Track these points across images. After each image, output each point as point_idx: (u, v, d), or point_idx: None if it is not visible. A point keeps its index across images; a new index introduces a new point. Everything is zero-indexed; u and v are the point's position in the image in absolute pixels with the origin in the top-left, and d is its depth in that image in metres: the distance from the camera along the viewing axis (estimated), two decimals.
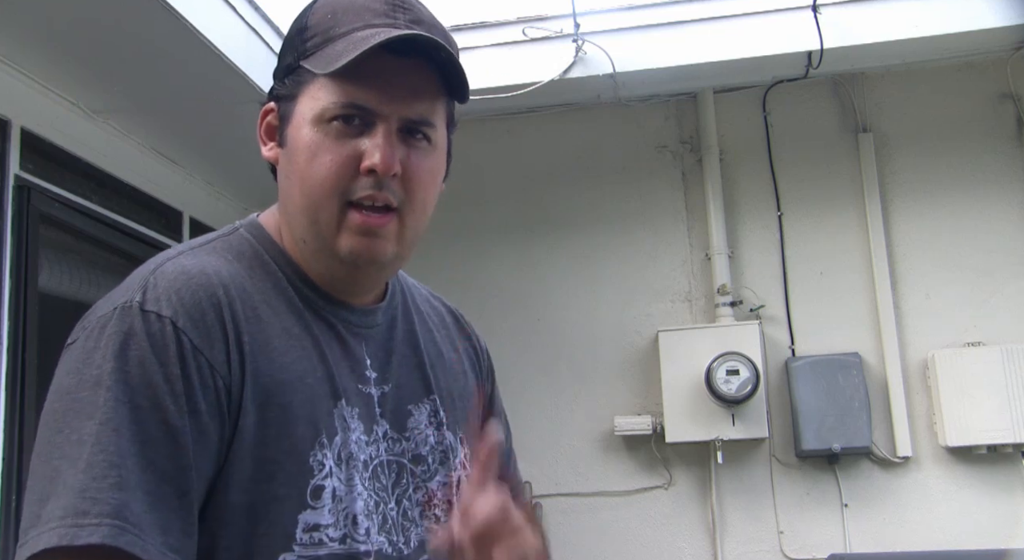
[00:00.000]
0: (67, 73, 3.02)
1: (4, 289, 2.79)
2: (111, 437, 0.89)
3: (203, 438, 0.93)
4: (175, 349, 0.93)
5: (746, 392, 3.76)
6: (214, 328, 0.97)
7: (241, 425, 0.96)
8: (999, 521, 3.70)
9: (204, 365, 0.95)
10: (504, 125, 4.33)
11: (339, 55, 1.00)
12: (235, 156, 3.70)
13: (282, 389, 0.99)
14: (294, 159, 1.04)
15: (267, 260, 1.07)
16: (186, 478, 0.92)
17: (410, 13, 1.05)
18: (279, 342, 1.01)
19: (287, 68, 1.07)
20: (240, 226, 1.12)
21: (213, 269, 1.01)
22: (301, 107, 1.04)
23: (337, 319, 1.08)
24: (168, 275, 0.99)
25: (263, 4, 3.20)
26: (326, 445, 1.00)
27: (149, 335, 0.93)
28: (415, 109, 1.03)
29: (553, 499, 4.10)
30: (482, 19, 3.80)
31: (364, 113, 1.02)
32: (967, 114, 4.05)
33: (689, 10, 3.68)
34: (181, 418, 0.92)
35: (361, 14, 1.03)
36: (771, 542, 3.92)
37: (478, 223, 4.30)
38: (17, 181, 2.89)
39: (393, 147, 1.01)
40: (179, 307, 0.96)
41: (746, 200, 4.19)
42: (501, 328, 4.04)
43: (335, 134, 1.02)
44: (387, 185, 1.02)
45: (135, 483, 0.88)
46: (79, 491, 0.87)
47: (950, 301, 3.92)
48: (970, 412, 3.72)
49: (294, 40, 1.08)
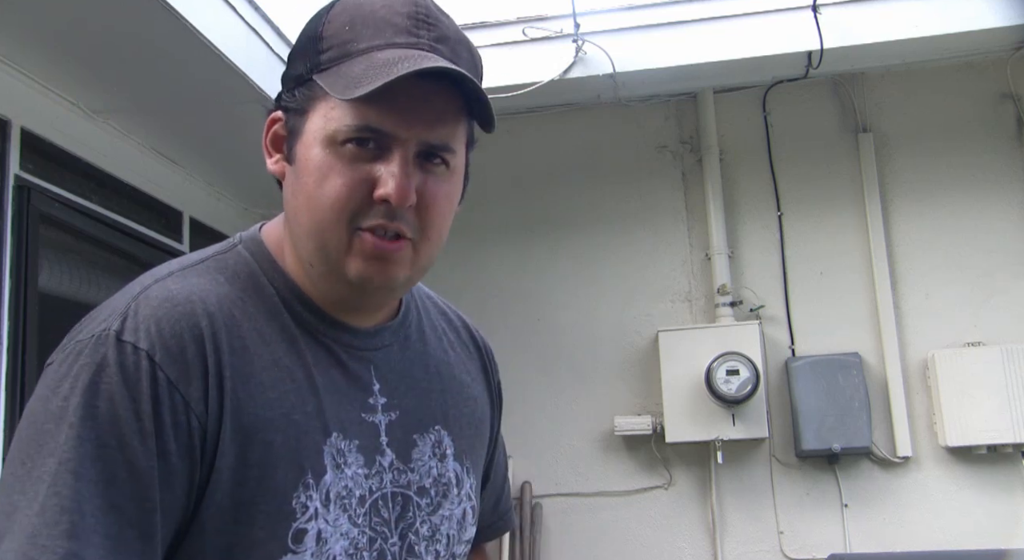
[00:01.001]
0: (67, 73, 3.02)
1: (4, 289, 2.79)
2: (66, 479, 0.84)
3: (171, 479, 0.88)
4: (148, 385, 0.89)
5: (746, 392, 3.76)
6: (194, 363, 0.92)
7: (218, 466, 0.91)
8: (999, 521, 3.70)
9: (179, 403, 0.90)
10: (504, 125, 4.28)
11: (357, 79, 0.92)
12: (235, 156, 3.71)
13: (265, 427, 0.94)
14: (302, 179, 0.97)
15: (263, 283, 1.01)
16: (150, 521, 0.87)
17: (434, 30, 0.98)
18: (266, 376, 0.96)
19: (298, 78, 0.99)
20: (240, 242, 1.06)
21: (201, 295, 0.96)
22: (312, 124, 0.97)
23: (338, 344, 1.03)
24: (152, 301, 0.94)
25: (263, 4, 3.20)
26: (311, 486, 0.95)
27: (122, 368, 0.88)
28: (436, 134, 0.96)
29: (553, 499, 4.10)
30: (482, 19, 3.79)
31: (380, 137, 0.95)
32: (967, 114, 4.05)
33: (689, 10, 3.68)
34: (148, 459, 0.87)
35: (382, 29, 0.96)
36: (771, 542, 3.92)
37: (478, 223, 4.30)
38: (17, 181, 2.89)
39: (409, 176, 0.95)
40: (157, 339, 0.91)
41: (746, 200, 4.19)
42: (501, 328, 4.04)
43: (348, 157, 0.95)
44: (400, 215, 0.96)
45: (91, 528, 0.84)
46: (30, 536, 0.83)
47: (950, 301, 3.92)
48: (970, 412, 3.72)
49: (307, 49, 0.99)
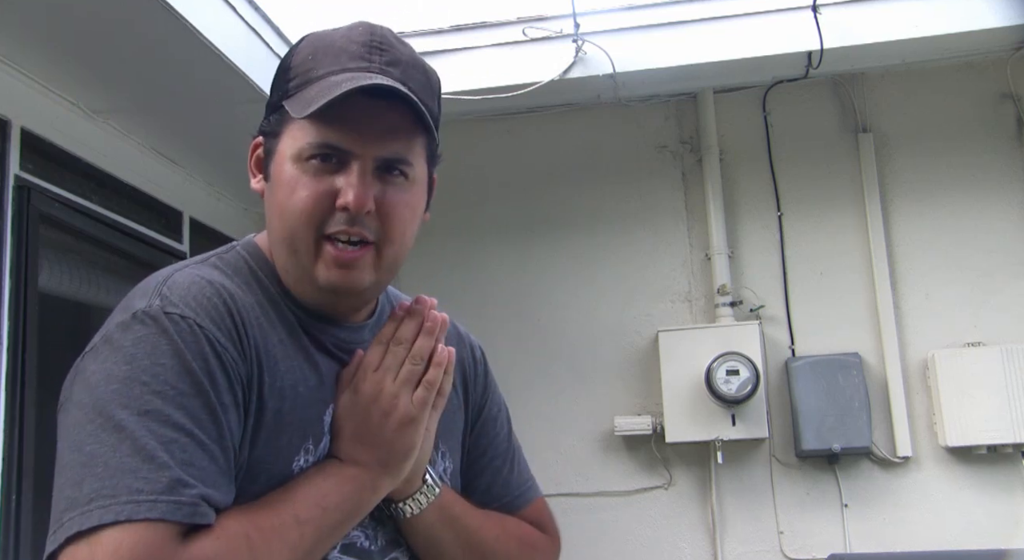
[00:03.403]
0: (67, 73, 3.02)
1: (4, 289, 2.79)
2: (150, 426, 0.92)
3: (234, 428, 0.99)
4: (206, 343, 0.98)
5: (746, 392, 3.76)
6: (231, 329, 1.02)
7: (247, 422, 1.02)
8: (999, 521, 3.70)
9: (230, 360, 1.00)
10: (504, 125, 4.33)
11: (312, 100, 1.04)
12: (235, 156, 3.67)
13: (278, 395, 1.04)
14: (276, 193, 1.10)
15: (261, 277, 1.12)
16: (229, 459, 0.97)
17: (386, 54, 1.09)
18: (277, 351, 1.07)
19: (272, 106, 1.13)
20: (236, 245, 1.17)
21: (217, 280, 1.07)
22: (282, 145, 1.10)
23: (325, 336, 1.13)
24: (180, 283, 1.04)
25: (263, 4, 3.20)
26: (311, 450, 1.06)
27: (179, 332, 0.98)
28: (389, 148, 1.07)
29: (553, 499, 4.06)
30: (482, 19, 3.79)
31: (339, 152, 1.06)
32: (967, 114, 4.05)
33: (689, 10, 3.68)
34: (222, 406, 0.97)
35: (339, 57, 1.08)
36: (771, 542, 3.92)
37: (478, 223, 4.30)
38: (17, 181, 2.89)
39: (367, 186, 1.06)
40: (198, 308, 1.01)
41: (746, 200, 4.19)
42: (501, 328, 4.04)
43: (313, 171, 1.07)
44: (361, 221, 1.06)
45: (185, 461, 0.92)
46: (129, 471, 0.90)
47: (950, 301, 3.92)
48: (970, 412, 3.72)
49: (279, 80, 1.13)
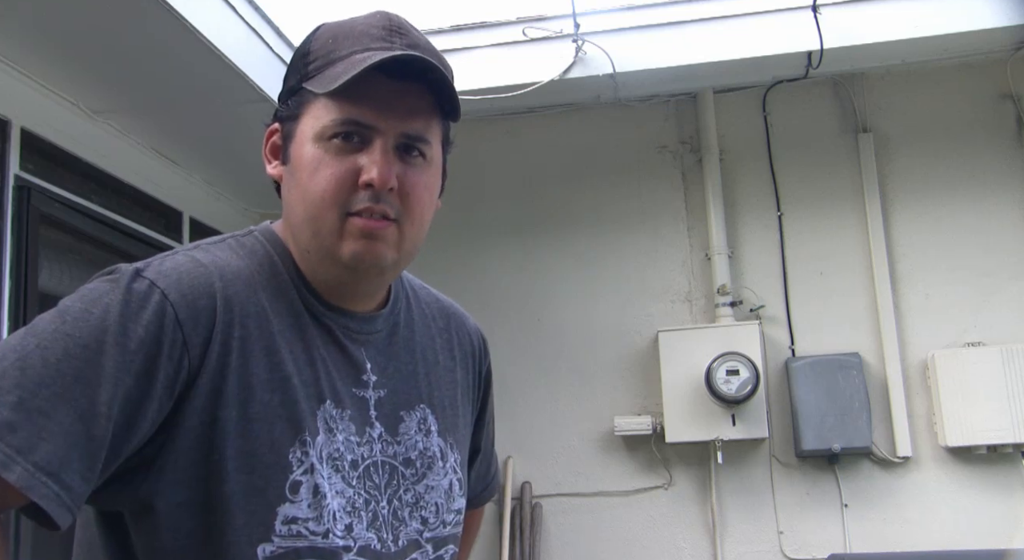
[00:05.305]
0: (67, 73, 3.02)
1: (4, 289, 2.79)
2: (35, 361, 0.93)
3: (144, 401, 0.97)
4: (152, 312, 0.99)
5: (746, 392, 3.76)
6: (203, 315, 1.02)
7: (222, 417, 1.01)
8: (999, 521, 3.70)
9: (178, 340, 1.00)
10: (504, 125, 4.33)
11: (338, 76, 1.05)
12: (235, 156, 3.71)
13: (266, 386, 1.04)
14: (297, 174, 1.10)
15: (276, 261, 1.13)
16: (101, 426, 0.94)
17: (407, 38, 1.11)
18: (271, 342, 1.07)
19: (290, 90, 1.14)
20: (254, 230, 1.18)
21: (220, 265, 1.07)
22: (303, 126, 1.10)
23: (336, 325, 1.13)
24: (177, 261, 1.06)
25: (263, 4, 3.20)
26: (308, 443, 1.05)
27: (128, 291, 0.99)
28: (411, 126, 1.09)
29: (553, 499, 4.10)
30: (482, 19, 3.80)
31: (362, 130, 1.07)
32: (967, 114, 4.05)
33: (689, 10, 3.68)
34: (120, 372, 0.96)
35: (360, 39, 1.09)
36: (771, 542, 3.92)
37: (478, 223, 4.30)
38: (17, 181, 2.90)
39: (390, 163, 1.07)
40: (175, 284, 1.02)
41: (746, 200, 4.19)
42: (501, 328, 4.04)
43: (335, 150, 1.07)
44: (384, 198, 1.07)
45: (37, 408, 0.92)
46: None
47: (950, 301, 3.92)
48: (970, 412, 3.71)
49: (297, 64, 1.14)
